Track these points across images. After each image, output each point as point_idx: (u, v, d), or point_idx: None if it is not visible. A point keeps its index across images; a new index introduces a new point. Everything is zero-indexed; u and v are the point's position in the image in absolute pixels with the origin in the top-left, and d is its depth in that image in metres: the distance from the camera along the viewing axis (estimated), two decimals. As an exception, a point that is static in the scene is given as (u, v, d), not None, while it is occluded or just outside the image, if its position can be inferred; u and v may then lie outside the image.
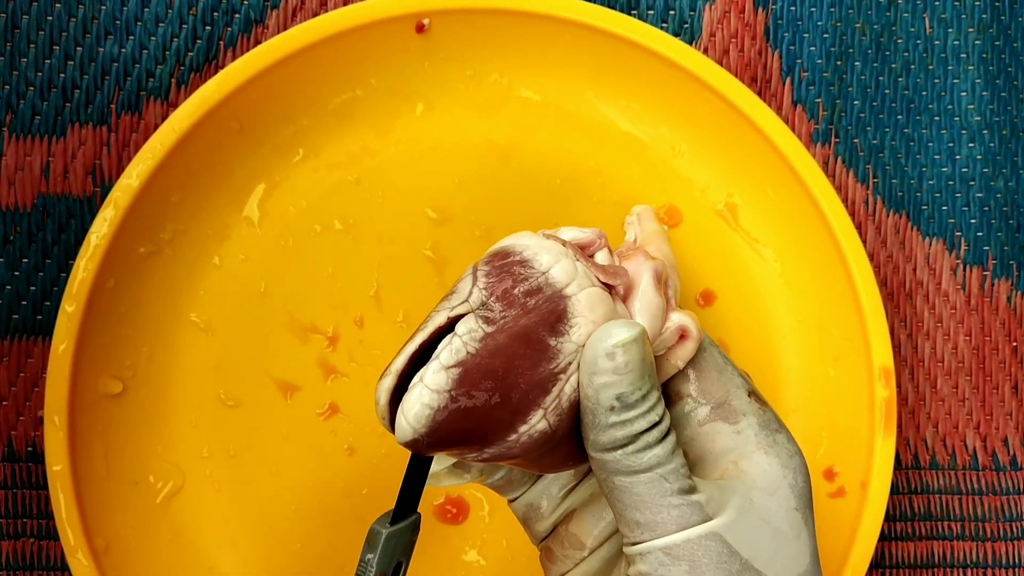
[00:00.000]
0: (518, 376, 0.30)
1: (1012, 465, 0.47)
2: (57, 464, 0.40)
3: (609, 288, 0.33)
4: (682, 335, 0.34)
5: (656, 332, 0.33)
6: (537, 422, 0.31)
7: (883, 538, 0.46)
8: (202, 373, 0.43)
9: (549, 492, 0.36)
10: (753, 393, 0.34)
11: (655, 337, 0.33)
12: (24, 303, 0.44)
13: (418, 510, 0.33)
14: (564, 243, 0.33)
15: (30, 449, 0.44)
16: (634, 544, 0.31)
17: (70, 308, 0.41)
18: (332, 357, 0.44)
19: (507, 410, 0.30)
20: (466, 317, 0.31)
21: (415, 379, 0.30)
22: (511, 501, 0.37)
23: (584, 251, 0.34)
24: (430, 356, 0.31)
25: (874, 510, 0.42)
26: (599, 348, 0.30)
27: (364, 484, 0.44)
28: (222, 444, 0.43)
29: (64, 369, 0.41)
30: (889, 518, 0.46)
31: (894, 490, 0.46)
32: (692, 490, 0.31)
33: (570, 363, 0.31)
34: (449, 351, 0.30)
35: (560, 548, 0.35)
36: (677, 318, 0.34)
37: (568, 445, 0.32)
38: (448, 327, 0.31)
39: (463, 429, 0.30)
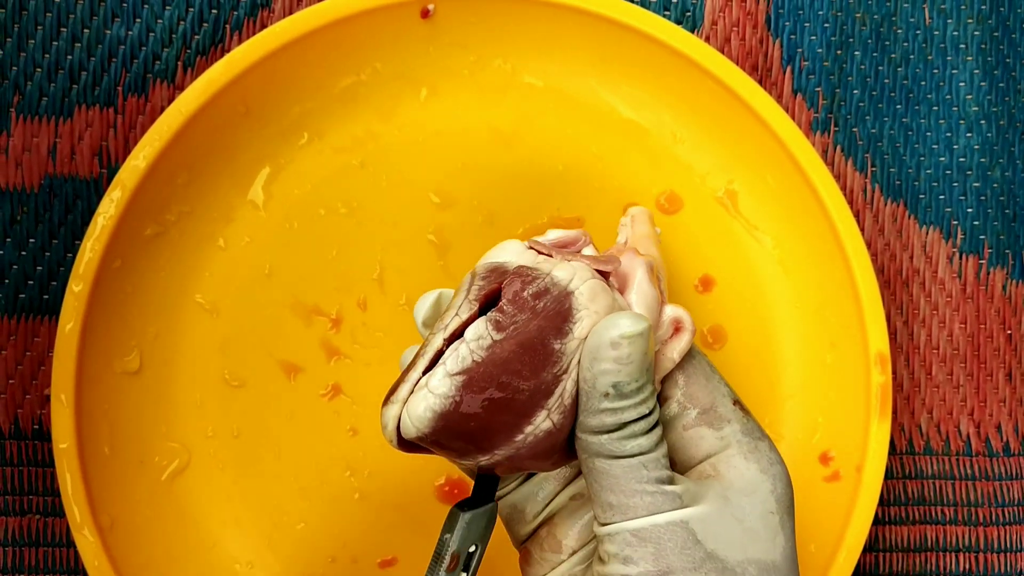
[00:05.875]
0: (522, 382, 0.31)
1: (1005, 451, 0.47)
2: (64, 442, 0.41)
3: (605, 276, 0.33)
4: (676, 328, 0.34)
5: (653, 325, 0.33)
6: (542, 422, 0.31)
7: (877, 522, 0.46)
8: (207, 354, 0.44)
9: (534, 497, 0.36)
10: (738, 402, 0.34)
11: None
12: (31, 283, 0.44)
13: (495, 499, 0.34)
14: (549, 252, 0.33)
15: (36, 427, 0.44)
16: (604, 525, 0.32)
17: (77, 288, 0.41)
18: (335, 339, 0.44)
19: (512, 413, 0.31)
20: (477, 322, 0.31)
21: (421, 382, 0.31)
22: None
23: (570, 247, 0.34)
24: None
25: (869, 494, 0.43)
26: (604, 336, 0.31)
27: (366, 464, 0.44)
28: (226, 424, 0.44)
29: (71, 348, 0.41)
30: (883, 502, 0.47)
31: (889, 475, 0.47)
32: (670, 480, 0.31)
33: (571, 361, 0.31)
34: (455, 358, 0.31)
35: (539, 551, 0.35)
36: (672, 311, 0.34)
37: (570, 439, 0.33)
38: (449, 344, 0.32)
39: (468, 431, 0.31)
